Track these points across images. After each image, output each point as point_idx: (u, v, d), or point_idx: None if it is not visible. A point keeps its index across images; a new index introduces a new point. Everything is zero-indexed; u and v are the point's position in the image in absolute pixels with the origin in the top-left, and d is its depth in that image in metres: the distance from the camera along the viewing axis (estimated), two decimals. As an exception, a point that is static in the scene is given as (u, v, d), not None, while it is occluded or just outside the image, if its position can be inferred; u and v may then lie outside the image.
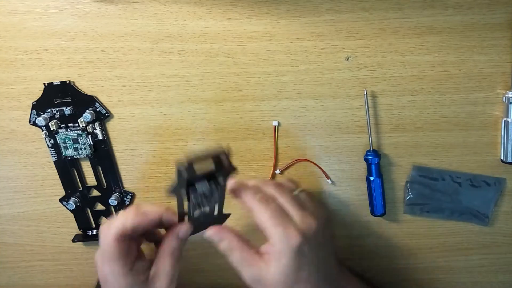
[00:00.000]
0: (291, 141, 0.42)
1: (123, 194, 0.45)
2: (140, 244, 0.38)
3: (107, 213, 0.46)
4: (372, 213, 0.43)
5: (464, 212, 0.43)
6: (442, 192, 0.42)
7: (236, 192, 0.36)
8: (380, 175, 0.41)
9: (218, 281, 0.49)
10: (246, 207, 0.36)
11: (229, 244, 0.35)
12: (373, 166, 0.41)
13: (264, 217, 0.34)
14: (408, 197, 0.43)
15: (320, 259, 0.35)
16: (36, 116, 0.42)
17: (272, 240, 0.34)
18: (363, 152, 0.41)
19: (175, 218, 0.36)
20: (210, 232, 0.36)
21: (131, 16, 0.38)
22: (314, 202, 0.39)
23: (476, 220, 0.43)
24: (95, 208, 0.46)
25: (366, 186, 0.42)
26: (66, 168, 0.44)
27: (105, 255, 0.35)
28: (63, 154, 0.43)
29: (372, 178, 0.41)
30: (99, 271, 0.36)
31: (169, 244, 0.36)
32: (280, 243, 0.33)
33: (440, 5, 0.36)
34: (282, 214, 0.35)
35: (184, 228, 0.36)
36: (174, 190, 0.32)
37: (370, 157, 0.41)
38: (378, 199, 0.42)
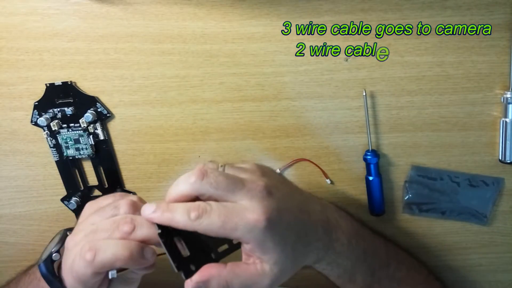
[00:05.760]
0: (291, 141, 0.42)
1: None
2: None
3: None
4: (371, 213, 0.43)
5: (462, 212, 0.43)
6: (441, 192, 0.43)
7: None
8: (379, 175, 0.42)
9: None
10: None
11: (218, 279, 0.29)
12: (372, 166, 0.41)
13: (218, 193, 0.29)
14: (407, 196, 0.43)
15: (289, 193, 0.33)
16: (38, 116, 0.42)
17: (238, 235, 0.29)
18: (362, 152, 0.42)
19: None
20: (194, 280, 0.29)
21: (132, 17, 0.38)
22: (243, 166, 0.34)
23: (474, 220, 0.43)
24: (96, 208, 0.46)
25: (365, 185, 0.43)
26: (68, 168, 0.44)
27: (73, 274, 0.31)
28: (65, 154, 0.44)
29: (371, 178, 0.42)
30: (67, 262, 0.32)
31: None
32: (252, 205, 0.29)
33: (439, 6, 0.36)
34: (231, 181, 0.30)
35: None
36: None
37: (369, 157, 0.41)
38: (377, 198, 0.42)
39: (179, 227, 0.29)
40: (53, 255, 0.36)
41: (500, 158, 0.40)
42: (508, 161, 0.40)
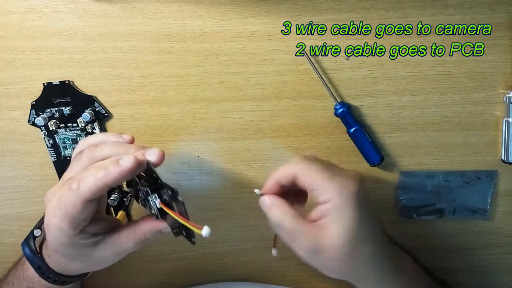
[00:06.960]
0: (291, 141, 0.42)
1: (123, 194, 0.45)
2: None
3: (106, 214, 0.46)
4: (370, 164, 0.41)
5: (461, 210, 0.43)
6: (435, 193, 0.42)
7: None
8: (358, 123, 0.39)
9: (217, 280, 0.49)
10: (286, 175, 0.33)
11: (280, 211, 0.32)
12: (347, 118, 0.39)
13: (313, 173, 0.32)
14: (401, 203, 0.42)
15: (374, 213, 0.33)
16: (35, 116, 0.42)
17: (327, 196, 0.31)
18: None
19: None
20: (264, 198, 0.33)
21: (130, 15, 0.38)
22: None
23: (476, 216, 0.43)
24: (94, 208, 0.46)
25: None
26: (66, 168, 0.44)
27: (60, 209, 0.30)
28: (63, 154, 0.43)
29: (351, 130, 0.39)
30: (46, 214, 0.32)
31: (147, 235, 0.34)
32: (339, 195, 0.31)
33: (441, 5, 0.36)
34: (330, 167, 0.33)
35: (164, 225, 0.34)
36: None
37: (339, 108, 0.39)
38: (368, 147, 0.40)
39: None
40: (35, 231, 0.37)
41: (503, 158, 0.40)
42: (511, 161, 0.39)
